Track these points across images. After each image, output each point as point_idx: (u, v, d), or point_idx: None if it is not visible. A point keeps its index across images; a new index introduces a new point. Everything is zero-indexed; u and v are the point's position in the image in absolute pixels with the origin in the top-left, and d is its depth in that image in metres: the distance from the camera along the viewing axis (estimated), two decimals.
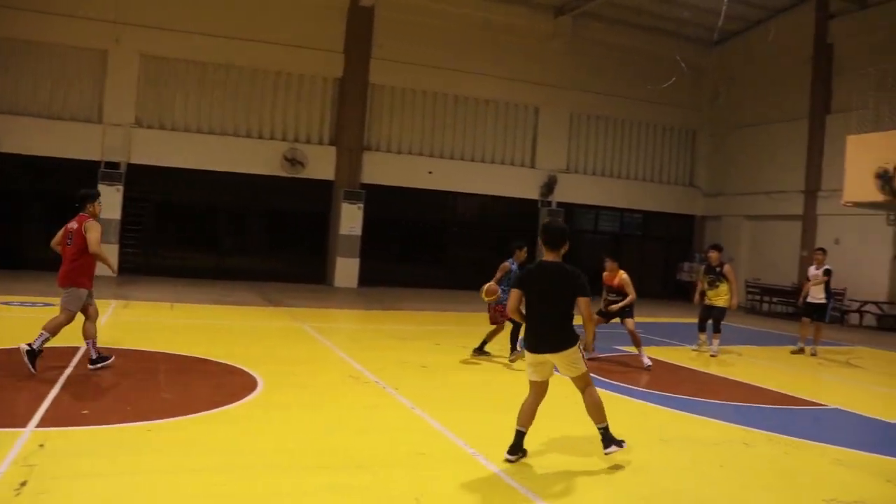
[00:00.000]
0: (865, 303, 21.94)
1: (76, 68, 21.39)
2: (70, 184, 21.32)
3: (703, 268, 13.81)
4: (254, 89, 23.05)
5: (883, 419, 8.81)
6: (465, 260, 25.82)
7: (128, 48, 21.51)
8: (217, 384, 8.44)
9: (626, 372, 11.01)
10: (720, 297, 13.18)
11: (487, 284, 10.78)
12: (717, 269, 13.22)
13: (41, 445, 5.56)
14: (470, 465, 5.88)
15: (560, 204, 26.34)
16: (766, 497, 5.65)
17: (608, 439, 6.07)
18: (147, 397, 7.55)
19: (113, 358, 8.60)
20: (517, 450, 5.98)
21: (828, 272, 14.29)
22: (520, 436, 6.02)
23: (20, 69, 20.88)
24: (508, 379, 9.96)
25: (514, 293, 6.20)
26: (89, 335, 8.55)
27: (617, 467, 6.02)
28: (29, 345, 7.95)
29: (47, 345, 8.24)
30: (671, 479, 5.93)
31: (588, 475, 5.82)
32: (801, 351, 14.30)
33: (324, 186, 23.59)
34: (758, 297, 24.79)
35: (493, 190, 25.67)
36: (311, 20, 23.17)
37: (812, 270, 14.54)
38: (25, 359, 7.86)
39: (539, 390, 6.14)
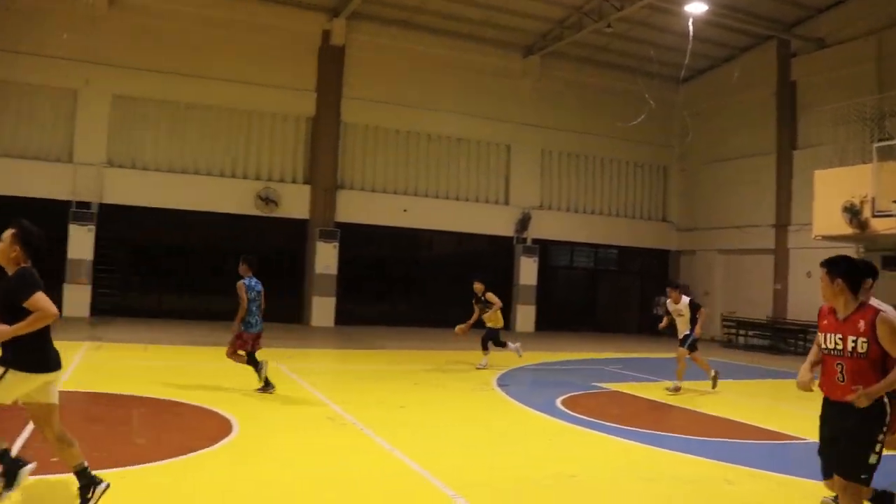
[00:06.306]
0: None
1: (45, 108, 21.22)
2: (40, 224, 21.31)
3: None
4: (227, 128, 23.03)
5: None
6: (440, 297, 25.78)
7: (98, 88, 21.41)
8: (192, 428, 8.28)
9: (605, 409, 10.97)
10: (491, 320, 14.60)
11: None
12: (482, 297, 14.61)
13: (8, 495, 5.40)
14: None
15: (535, 240, 26.46)
16: None
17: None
18: (120, 442, 7.37)
19: None
20: None
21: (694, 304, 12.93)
22: None
23: None
24: (490, 417, 9.88)
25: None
26: None
27: None
28: None
29: None
30: None
31: None
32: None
33: (298, 225, 23.53)
34: (734, 331, 24.92)
35: (468, 227, 25.73)
36: (283, 59, 23.28)
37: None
38: None
39: None
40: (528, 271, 26.20)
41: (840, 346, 4.82)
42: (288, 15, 23.14)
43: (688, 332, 12.61)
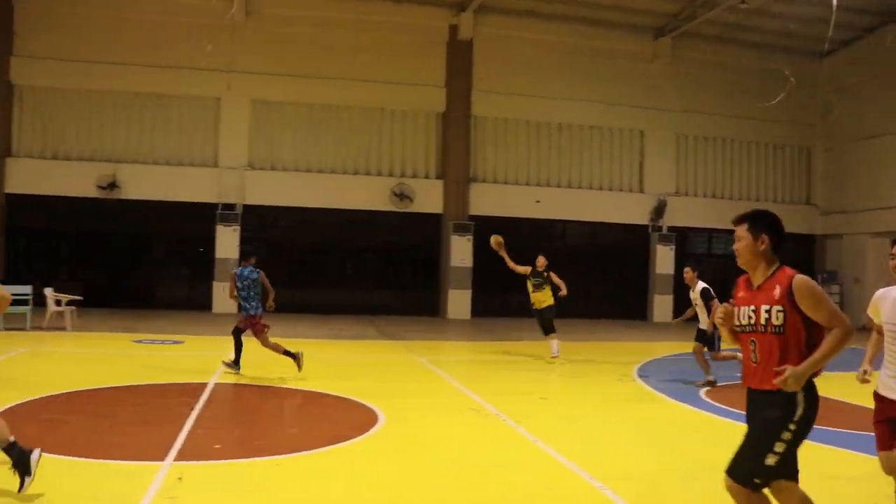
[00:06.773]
0: None
1: (193, 116, 22.50)
2: (190, 226, 22.60)
3: (530, 271, 14.17)
4: (360, 127, 23.59)
5: None
6: (576, 288, 25.54)
7: (239, 94, 22.44)
8: (340, 418, 8.53)
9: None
10: (546, 299, 13.89)
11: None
12: (544, 272, 14.00)
13: (180, 479, 5.72)
14: (600, 502, 5.72)
15: (671, 228, 25.76)
16: None
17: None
18: (274, 431, 7.70)
19: None
20: None
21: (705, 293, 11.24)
22: None
23: (143, 120, 22.21)
24: (633, 407, 9.72)
25: None
26: None
27: None
28: None
29: (179, 381, 8.68)
30: None
31: None
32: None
33: (433, 219, 23.84)
34: None
35: (602, 216, 25.34)
36: (412, 57, 23.61)
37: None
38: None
39: None
40: (664, 260, 25.55)
41: (753, 320, 4.02)
42: (415, 12, 23.45)
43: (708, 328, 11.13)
